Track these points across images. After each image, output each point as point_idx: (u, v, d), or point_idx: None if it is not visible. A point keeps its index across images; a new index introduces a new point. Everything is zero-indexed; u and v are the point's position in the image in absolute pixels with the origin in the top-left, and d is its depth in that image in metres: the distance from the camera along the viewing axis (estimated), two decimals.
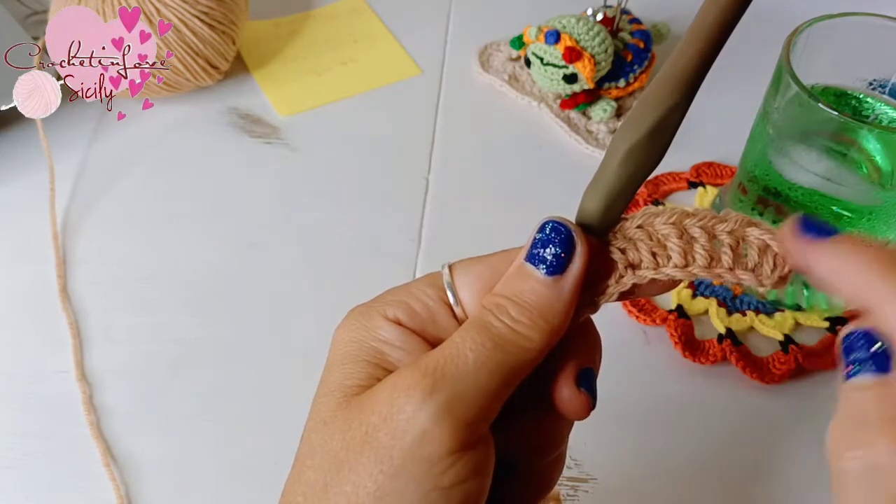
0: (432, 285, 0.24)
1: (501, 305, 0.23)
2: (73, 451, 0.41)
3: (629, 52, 0.56)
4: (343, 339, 0.24)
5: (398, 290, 0.25)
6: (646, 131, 0.23)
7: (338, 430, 0.22)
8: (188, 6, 0.54)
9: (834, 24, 0.41)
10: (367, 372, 0.23)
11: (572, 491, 0.40)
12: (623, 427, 0.42)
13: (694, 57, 0.23)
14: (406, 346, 0.23)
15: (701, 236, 0.23)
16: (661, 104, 0.23)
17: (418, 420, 0.21)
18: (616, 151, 0.23)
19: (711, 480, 0.40)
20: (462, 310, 0.24)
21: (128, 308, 0.47)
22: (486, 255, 0.25)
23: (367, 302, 0.25)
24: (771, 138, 0.42)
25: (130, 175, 0.55)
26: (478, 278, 0.24)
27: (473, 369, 0.22)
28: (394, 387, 0.21)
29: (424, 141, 0.57)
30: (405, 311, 0.24)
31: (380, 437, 0.21)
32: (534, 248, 0.24)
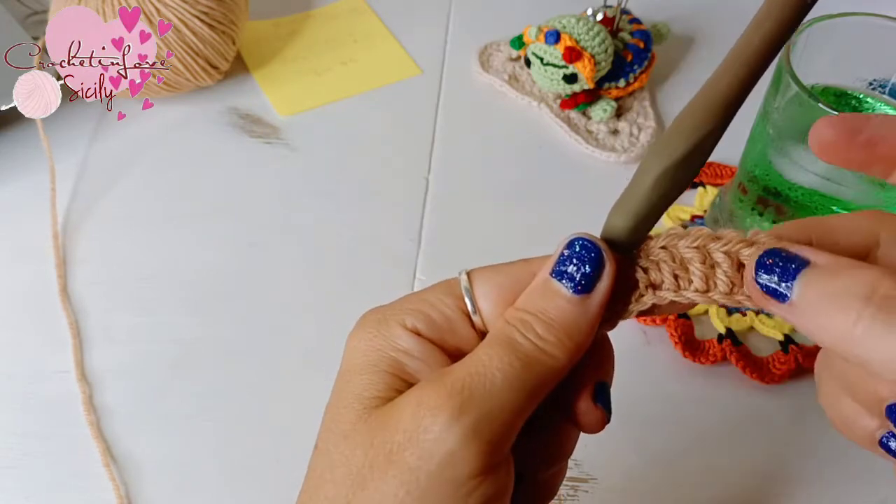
0: (450, 294, 0.24)
1: (527, 322, 0.22)
2: (73, 451, 0.41)
3: (629, 52, 0.56)
4: (359, 347, 0.24)
5: (415, 298, 0.24)
6: (679, 157, 0.23)
7: (359, 445, 0.22)
8: (188, 6, 0.54)
9: (834, 24, 0.41)
10: (386, 383, 0.23)
11: (572, 491, 0.40)
12: (623, 427, 0.42)
13: (733, 84, 0.23)
14: (425, 357, 0.23)
15: (724, 261, 0.23)
16: (698, 131, 0.23)
17: (446, 442, 0.20)
18: (648, 173, 0.23)
19: (711, 480, 0.40)
20: (480, 319, 0.24)
21: (128, 308, 0.47)
22: (505, 264, 0.25)
23: (381, 308, 0.25)
24: (771, 138, 0.42)
25: (130, 175, 0.55)
26: (497, 288, 0.24)
27: (501, 389, 0.21)
28: (419, 404, 0.21)
29: (424, 141, 0.57)
30: (423, 321, 0.24)
31: (405, 456, 0.21)
32: (561, 264, 0.23)
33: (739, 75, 0.23)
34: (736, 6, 0.66)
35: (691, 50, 0.64)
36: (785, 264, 0.20)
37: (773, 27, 0.23)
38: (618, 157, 0.55)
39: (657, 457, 0.41)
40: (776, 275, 0.21)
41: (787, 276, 0.20)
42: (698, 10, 0.66)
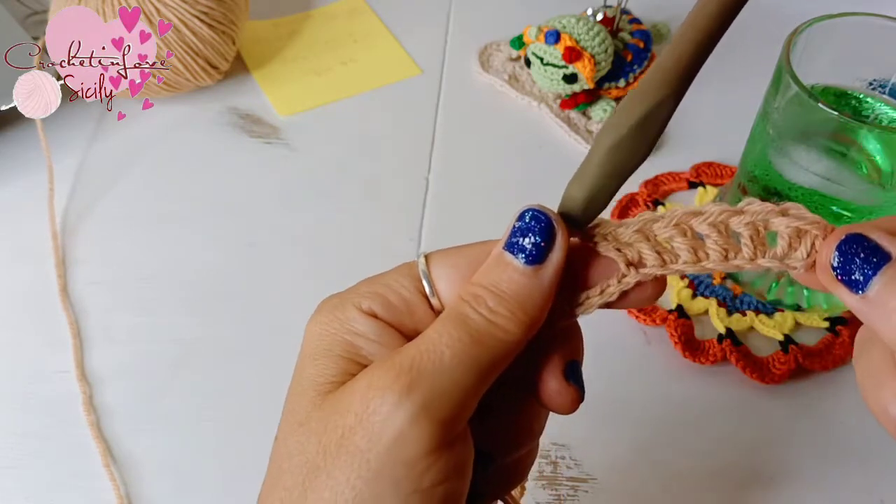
0: (408, 276, 0.24)
1: (479, 296, 0.22)
2: (73, 451, 0.41)
3: (629, 52, 0.56)
4: (315, 332, 0.24)
5: (373, 281, 0.24)
6: (633, 124, 0.22)
7: (314, 432, 0.21)
8: (188, 6, 0.54)
9: (834, 24, 0.41)
10: (341, 367, 0.22)
11: (572, 491, 0.40)
12: (623, 427, 0.42)
13: (687, 49, 0.22)
14: (381, 340, 0.23)
15: (711, 231, 0.23)
16: (650, 97, 0.22)
17: (394, 421, 0.20)
18: (601, 143, 0.23)
19: (711, 480, 0.40)
20: (439, 300, 0.23)
21: (128, 308, 0.47)
22: (465, 246, 0.24)
23: (340, 293, 0.24)
24: (771, 138, 0.42)
25: (130, 175, 0.55)
26: (455, 268, 0.24)
27: (450, 366, 0.21)
28: (368, 386, 0.21)
29: (424, 141, 0.57)
30: (381, 303, 0.23)
31: (356, 440, 0.20)
32: (513, 236, 0.23)
33: (694, 40, 0.22)
34: None
35: None
36: (867, 255, 0.20)
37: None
38: None
39: (657, 457, 0.41)
40: (856, 264, 0.20)
41: (868, 268, 0.20)
42: None
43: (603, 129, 0.23)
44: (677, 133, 0.57)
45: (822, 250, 0.21)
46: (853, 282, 0.20)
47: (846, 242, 0.20)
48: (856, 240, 0.20)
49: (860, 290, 0.20)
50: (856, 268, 0.20)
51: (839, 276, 0.20)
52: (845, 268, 0.20)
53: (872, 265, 0.19)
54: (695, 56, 0.22)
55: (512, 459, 0.26)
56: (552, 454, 0.41)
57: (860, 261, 0.20)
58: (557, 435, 0.41)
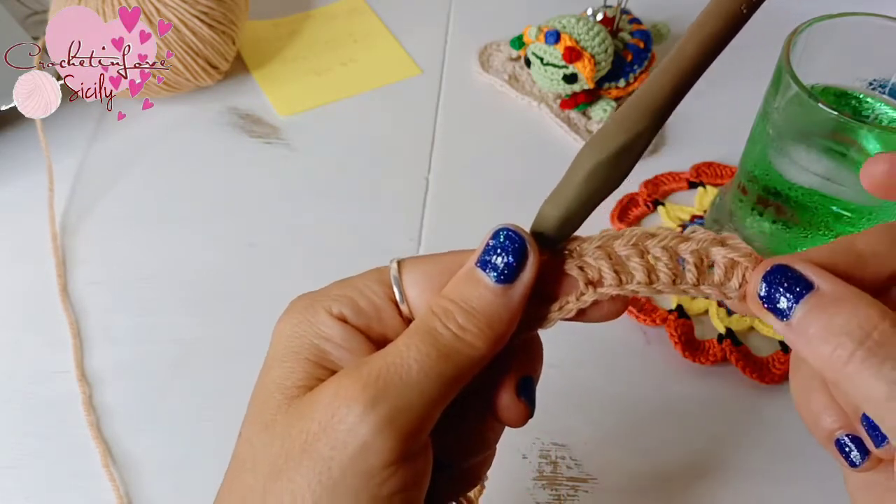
0: (379, 281, 0.24)
1: (449, 311, 0.22)
2: (73, 451, 0.41)
3: (629, 52, 0.56)
4: (284, 332, 0.24)
5: (344, 284, 0.24)
6: (612, 152, 0.23)
7: (278, 435, 0.22)
8: (188, 6, 0.54)
9: (834, 24, 0.41)
10: (307, 371, 0.23)
11: (572, 491, 0.40)
12: (623, 427, 0.42)
13: (667, 87, 0.23)
14: (349, 345, 0.23)
15: (663, 255, 0.24)
16: (630, 129, 0.23)
17: (359, 432, 0.20)
18: (580, 167, 0.23)
19: (711, 480, 0.40)
20: (408, 307, 0.24)
21: (128, 308, 0.47)
22: (437, 255, 0.25)
23: (311, 293, 0.25)
24: (771, 138, 0.42)
25: (130, 175, 0.55)
26: (426, 276, 0.24)
27: (416, 380, 0.21)
28: (335, 395, 0.21)
29: (424, 141, 0.57)
30: (351, 308, 0.24)
31: (319, 447, 0.21)
32: (486, 254, 0.23)
33: (674, 79, 0.23)
34: None
35: None
36: (790, 285, 0.21)
37: (707, 37, 0.23)
38: None
39: (657, 457, 0.41)
40: (780, 293, 0.21)
41: (791, 296, 0.21)
42: (698, 10, 0.66)
43: (582, 152, 0.24)
44: (677, 133, 0.57)
45: (751, 280, 0.22)
46: (779, 310, 0.21)
47: (771, 273, 0.21)
48: (780, 271, 0.21)
49: (785, 317, 0.21)
50: (780, 296, 0.21)
51: (765, 305, 0.21)
52: (771, 297, 0.21)
53: (795, 294, 0.21)
54: (673, 94, 0.23)
55: (466, 466, 0.26)
56: (552, 454, 0.41)
57: (784, 290, 0.21)
58: (557, 435, 0.41)
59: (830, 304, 0.20)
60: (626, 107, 0.23)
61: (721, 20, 0.23)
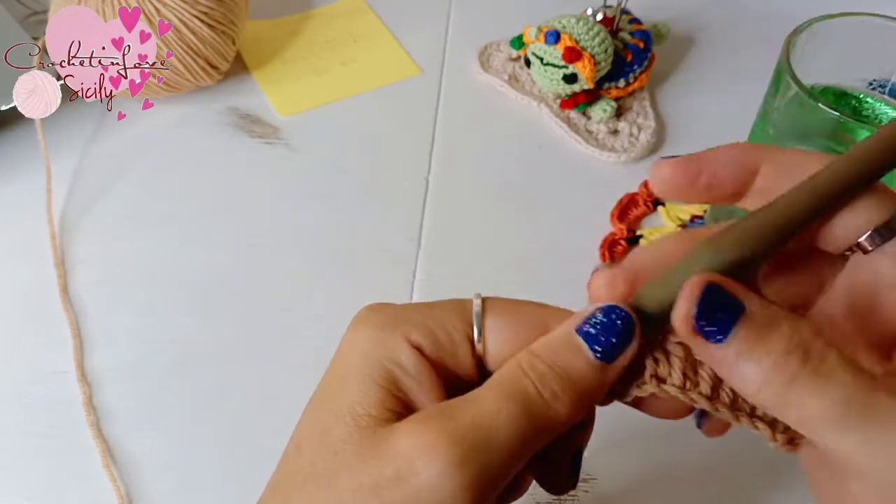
0: (460, 318, 0.24)
1: (544, 376, 0.22)
2: (73, 451, 0.41)
3: (629, 52, 0.56)
4: (358, 348, 0.23)
5: (424, 311, 0.24)
6: (729, 262, 0.21)
7: (345, 467, 0.21)
8: (188, 6, 0.54)
9: (834, 24, 0.41)
10: (379, 398, 0.22)
11: (572, 491, 0.40)
12: (623, 427, 0.42)
13: (806, 211, 0.22)
14: (420, 378, 0.23)
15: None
16: (755, 247, 0.22)
17: (438, 490, 0.20)
18: (696, 263, 0.22)
19: (711, 480, 0.40)
20: (483, 348, 0.23)
21: (127, 308, 0.47)
22: (520, 302, 0.24)
23: (386, 308, 0.24)
24: (771, 138, 0.42)
25: (130, 175, 0.55)
26: (508, 324, 0.24)
27: (506, 445, 0.21)
28: (414, 444, 0.21)
29: (424, 141, 0.57)
30: (429, 339, 0.23)
31: (391, 495, 0.20)
32: (590, 325, 0.22)
33: (816, 204, 0.22)
34: (736, 6, 0.67)
35: (691, 50, 0.64)
36: (723, 307, 0.20)
37: (866, 165, 0.22)
38: (618, 157, 0.55)
39: (657, 457, 0.41)
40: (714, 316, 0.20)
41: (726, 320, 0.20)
42: (698, 10, 0.66)
43: (700, 250, 0.22)
44: (677, 133, 0.57)
45: (683, 302, 0.21)
46: (711, 333, 0.20)
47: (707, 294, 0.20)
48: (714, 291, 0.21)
49: (718, 341, 0.20)
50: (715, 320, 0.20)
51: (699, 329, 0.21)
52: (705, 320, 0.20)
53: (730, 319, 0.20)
54: (812, 213, 0.22)
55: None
56: None
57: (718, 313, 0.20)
58: None
59: (764, 325, 0.20)
60: (760, 219, 0.22)
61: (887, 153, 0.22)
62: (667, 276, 0.22)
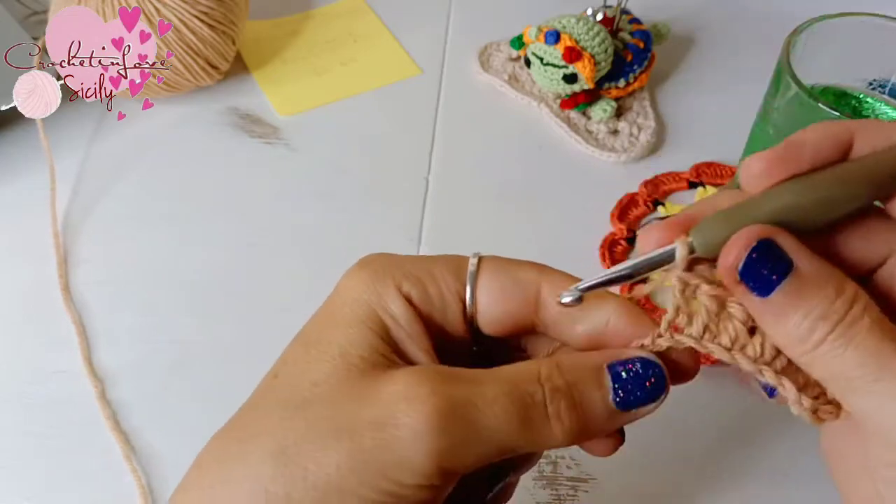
0: (454, 274, 0.24)
1: (558, 391, 0.22)
2: (78, 448, 0.41)
3: (629, 52, 0.56)
4: (352, 293, 0.23)
5: (419, 264, 0.24)
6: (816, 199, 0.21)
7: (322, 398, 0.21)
8: (188, 6, 0.54)
9: (834, 24, 0.41)
10: (370, 342, 0.22)
11: (572, 491, 0.40)
12: (623, 427, 0.42)
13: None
14: (409, 328, 0.23)
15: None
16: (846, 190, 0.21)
17: (410, 448, 0.20)
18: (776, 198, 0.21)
19: (711, 480, 0.40)
20: (474, 308, 0.24)
21: (128, 307, 0.47)
22: (517, 264, 0.24)
23: (385, 257, 0.25)
24: (771, 138, 0.42)
25: (130, 175, 0.55)
26: (503, 287, 0.24)
27: (486, 436, 0.21)
28: (400, 398, 0.21)
29: (424, 141, 0.57)
30: (420, 293, 0.23)
31: (364, 437, 0.20)
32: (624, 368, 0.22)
33: None
34: (736, 6, 0.67)
35: (691, 50, 0.64)
36: (774, 263, 0.20)
37: None
38: (617, 157, 0.55)
39: (657, 457, 0.41)
40: (761, 270, 0.20)
41: (773, 275, 0.20)
42: (698, 10, 0.66)
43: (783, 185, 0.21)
44: (677, 133, 0.57)
45: (730, 251, 0.21)
46: (756, 288, 0.20)
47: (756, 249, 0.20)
48: (764, 247, 0.20)
49: (762, 295, 0.20)
50: (760, 274, 0.20)
51: (743, 281, 0.21)
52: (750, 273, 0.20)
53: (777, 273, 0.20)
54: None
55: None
56: (552, 454, 0.41)
57: (765, 268, 0.20)
58: None
59: (809, 285, 0.20)
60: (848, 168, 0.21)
61: None
62: (743, 207, 0.21)
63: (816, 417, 0.22)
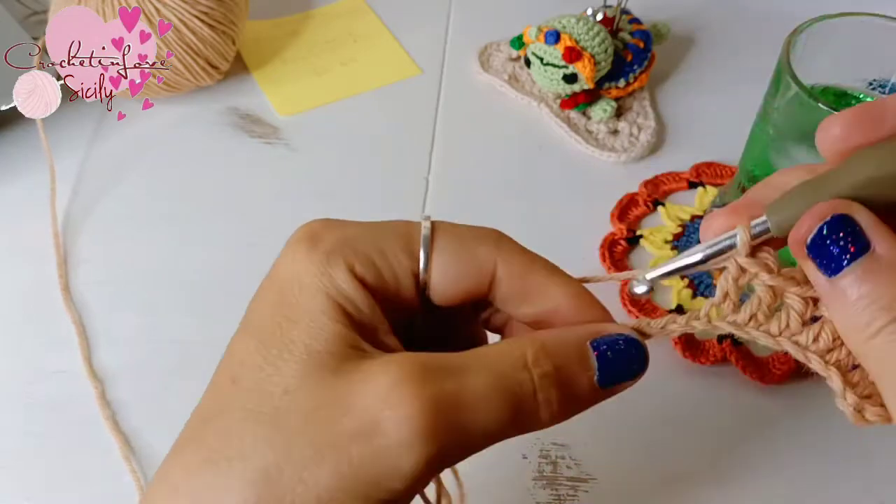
0: (406, 251, 0.23)
1: (547, 377, 0.21)
2: (78, 448, 0.41)
3: (629, 52, 0.56)
4: (304, 283, 0.22)
5: (369, 239, 0.23)
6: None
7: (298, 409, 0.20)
8: (188, 6, 0.54)
9: (834, 24, 0.41)
10: (336, 334, 0.21)
11: (572, 491, 0.40)
12: (623, 427, 0.42)
13: None
14: (370, 313, 0.22)
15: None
16: None
17: (400, 457, 0.19)
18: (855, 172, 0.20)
19: (711, 480, 0.40)
20: (427, 280, 0.23)
21: (129, 307, 0.47)
22: (474, 240, 0.23)
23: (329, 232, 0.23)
24: (771, 138, 0.42)
25: (130, 175, 0.55)
26: (457, 265, 0.23)
27: (480, 434, 0.20)
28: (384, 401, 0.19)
29: (424, 141, 0.57)
30: (372, 272, 0.22)
31: (351, 449, 0.19)
32: (610, 347, 0.22)
33: None
34: (736, 6, 0.67)
35: (691, 50, 0.64)
36: (847, 241, 0.19)
37: None
38: (617, 156, 0.55)
39: (657, 457, 0.41)
40: (834, 247, 0.19)
41: (845, 254, 0.19)
42: (698, 10, 0.66)
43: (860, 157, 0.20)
44: (677, 133, 0.57)
45: (803, 223, 0.20)
46: (825, 264, 0.19)
47: (830, 224, 0.19)
48: (841, 222, 0.19)
49: (830, 273, 0.19)
50: (832, 251, 0.19)
51: (811, 255, 0.20)
52: (821, 249, 0.19)
53: (850, 253, 0.19)
54: None
55: None
56: (552, 454, 0.41)
57: (839, 245, 0.19)
58: (557, 435, 0.41)
59: (884, 271, 0.19)
60: None
61: None
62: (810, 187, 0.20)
63: (860, 416, 0.21)
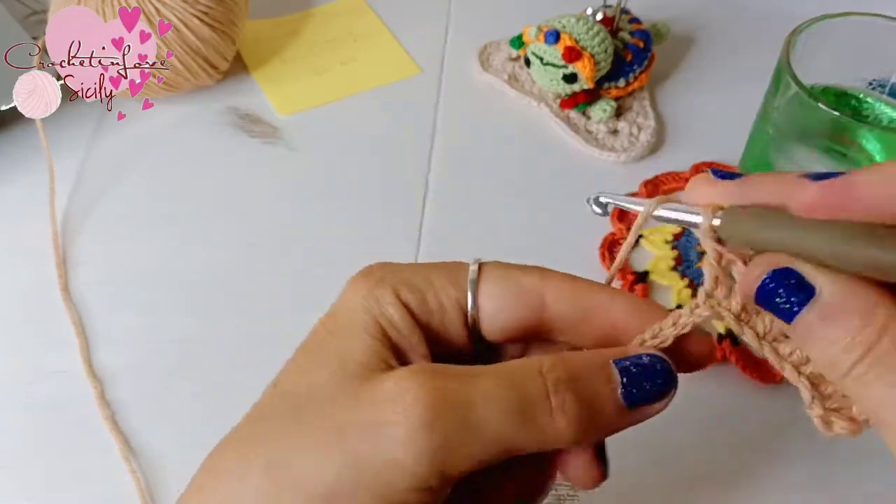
0: (454, 283, 0.23)
1: (561, 382, 0.21)
2: (78, 448, 0.41)
3: (629, 51, 0.56)
4: (352, 302, 0.23)
5: (418, 272, 0.24)
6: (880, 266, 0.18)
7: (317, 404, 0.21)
8: (188, 6, 0.54)
9: (834, 24, 0.41)
10: (370, 348, 0.22)
11: (572, 491, 0.40)
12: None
13: None
14: (409, 335, 0.23)
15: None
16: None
17: (402, 447, 0.19)
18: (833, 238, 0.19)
19: (711, 481, 0.40)
20: (476, 315, 0.23)
21: (128, 307, 0.47)
22: (518, 270, 0.24)
23: (386, 266, 0.24)
24: (771, 138, 0.42)
25: (130, 175, 0.55)
26: (506, 297, 0.23)
27: (483, 433, 0.20)
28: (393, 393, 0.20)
29: (424, 141, 0.57)
30: (418, 301, 0.23)
31: (354, 439, 0.20)
32: (632, 362, 0.22)
33: None
34: (736, 6, 0.67)
35: (691, 50, 0.64)
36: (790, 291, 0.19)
37: None
38: (617, 156, 0.55)
39: (657, 457, 0.41)
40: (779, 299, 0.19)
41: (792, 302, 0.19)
42: (698, 10, 0.66)
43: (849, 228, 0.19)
44: (677, 133, 0.57)
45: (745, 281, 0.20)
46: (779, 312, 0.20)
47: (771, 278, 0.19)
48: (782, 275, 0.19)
49: (786, 320, 0.20)
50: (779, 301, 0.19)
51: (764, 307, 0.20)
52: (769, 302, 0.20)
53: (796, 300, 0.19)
54: None
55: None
56: None
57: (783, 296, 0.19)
58: None
59: (833, 313, 0.19)
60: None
61: None
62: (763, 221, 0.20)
63: (827, 426, 0.21)
